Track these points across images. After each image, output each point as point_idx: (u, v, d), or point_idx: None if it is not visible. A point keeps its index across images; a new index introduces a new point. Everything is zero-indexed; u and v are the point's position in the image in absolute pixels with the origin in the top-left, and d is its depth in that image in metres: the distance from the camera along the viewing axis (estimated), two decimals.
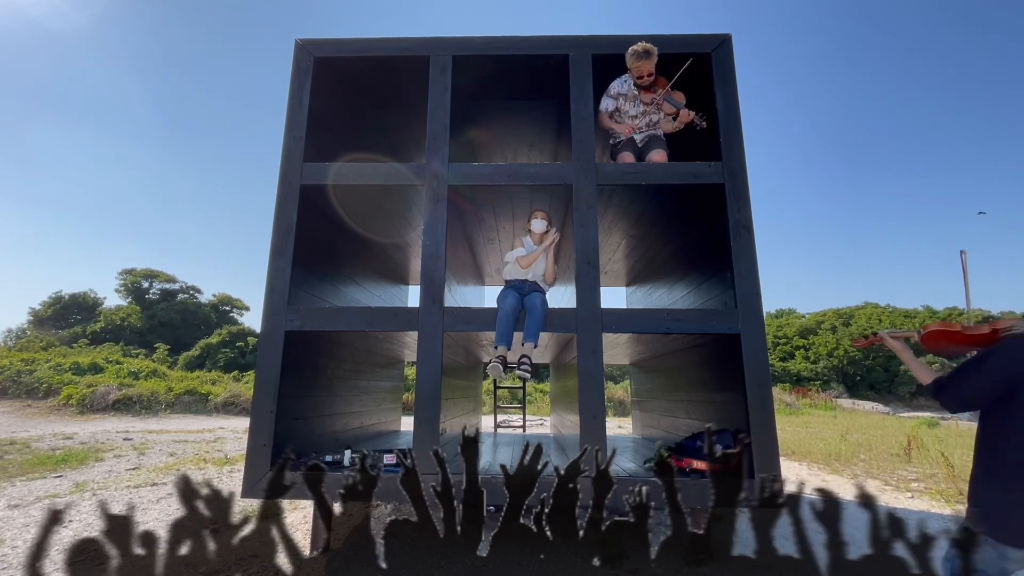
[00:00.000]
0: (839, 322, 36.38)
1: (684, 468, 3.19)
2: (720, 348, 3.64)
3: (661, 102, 3.74)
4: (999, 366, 1.69)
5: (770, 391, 3.17)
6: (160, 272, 34.18)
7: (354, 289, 4.79)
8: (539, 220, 3.77)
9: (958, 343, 1.93)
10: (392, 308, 3.96)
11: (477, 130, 4.95)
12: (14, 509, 4.34)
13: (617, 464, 3.91)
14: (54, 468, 6.04)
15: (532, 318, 3.36)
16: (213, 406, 14.36)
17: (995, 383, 1.69)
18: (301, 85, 3.75)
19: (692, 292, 4.28)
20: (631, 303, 6.88)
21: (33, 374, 14.30)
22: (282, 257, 3.45)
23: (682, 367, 4.70)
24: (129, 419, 12.31)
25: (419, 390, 3.27)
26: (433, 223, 3.52)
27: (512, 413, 9.64)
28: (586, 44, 3.79)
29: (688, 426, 4.35)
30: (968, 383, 1.75)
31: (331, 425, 4.26)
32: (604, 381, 3.29)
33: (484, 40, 3.85)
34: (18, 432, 9.46)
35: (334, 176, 3.64)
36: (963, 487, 5.52)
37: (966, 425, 14.71)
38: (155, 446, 8.09)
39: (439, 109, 3.71)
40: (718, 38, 3.74)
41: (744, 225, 3.38)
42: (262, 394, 3.25)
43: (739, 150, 3.52)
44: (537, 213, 3.83)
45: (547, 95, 4.30)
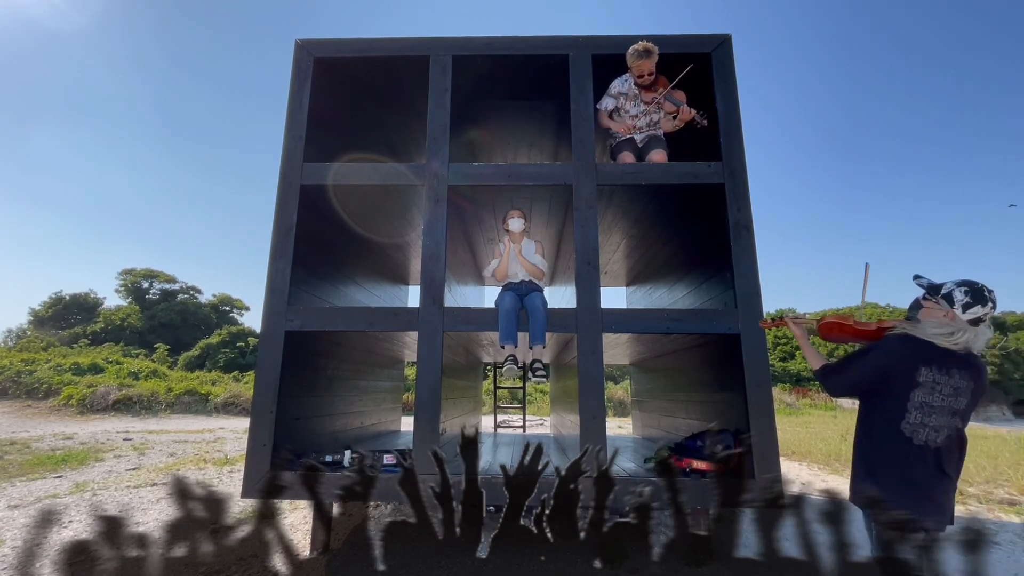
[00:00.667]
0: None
1: (684, 468, 3.19)
2: (720, 348, 3.64)
3: (662, 101, 3.74)
4: (877, 359, 1.86)
5: (770, 391, 3.17)
6: (160, 272, 34.19)
7: (354, 289, 4.79)
8: (516, 219, 3.67)
9: (849, 335, 2.11)
10: (392, 308, 3.96)
11: (477, 130, 4.95)
12: (14, 509, 4.34)
13: (617, 464, 3.90)
14: (54, 468, 6.04)
15: (535, 320, 3.34)
16: (213, 406, 14.36)
17: (872, 374, 1.86)
18: (301, 85, 3.75)
19: (692, 292, 4.28)
20: (631, 303, 6.87)
21: (33, 374, 14.30)
22: (282, 257, 3.44)
23: (682, 367, 4.70)
24: (129, 419, 12.31)
25: (419, 390, 3.26)
26: (433, 223, 3.51)
27: (512, 413, 9.64)
28: (586, 44, 3.79)
29: (688, 426, 4.34)
30: (850, 371, 1.93)
31: (331, 425, 4.26)
32: (604, 381, 3.29)
33: (484, 40, 3.85)
34: (18, 432, 9.46)
35: (334, 176, 3.64)
36: (963, 487, 5.53)
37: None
38: (155, 446, 8.09)
39: (439, 109, 3.71)
40: (718, 38, 3.74)
41: (744, 225, 3.38)
42: (262, 394, 3.25)
43: (739, 150, 3.52)
44: (513, 212, 3.73)
45: (547, 95, 4.29)
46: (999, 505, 4.90)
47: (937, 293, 1.85)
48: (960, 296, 1.79)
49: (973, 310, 1.77)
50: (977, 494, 5.29)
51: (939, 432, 1.76)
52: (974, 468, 6.37)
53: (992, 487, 5.60)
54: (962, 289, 1.80)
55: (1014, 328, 33.78)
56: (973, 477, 5.99)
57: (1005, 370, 30.57)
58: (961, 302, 1.79)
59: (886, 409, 1.83)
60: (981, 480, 5.89)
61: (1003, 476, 5.99)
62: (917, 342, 1.81)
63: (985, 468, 6.39)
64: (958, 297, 1.79)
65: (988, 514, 4.61)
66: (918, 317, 1.91)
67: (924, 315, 1.88)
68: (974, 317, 1.77)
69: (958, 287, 1.81)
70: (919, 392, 1.77)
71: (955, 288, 1.81)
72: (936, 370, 1.76)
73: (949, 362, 1.76)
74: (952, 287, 1.82)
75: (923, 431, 1.76)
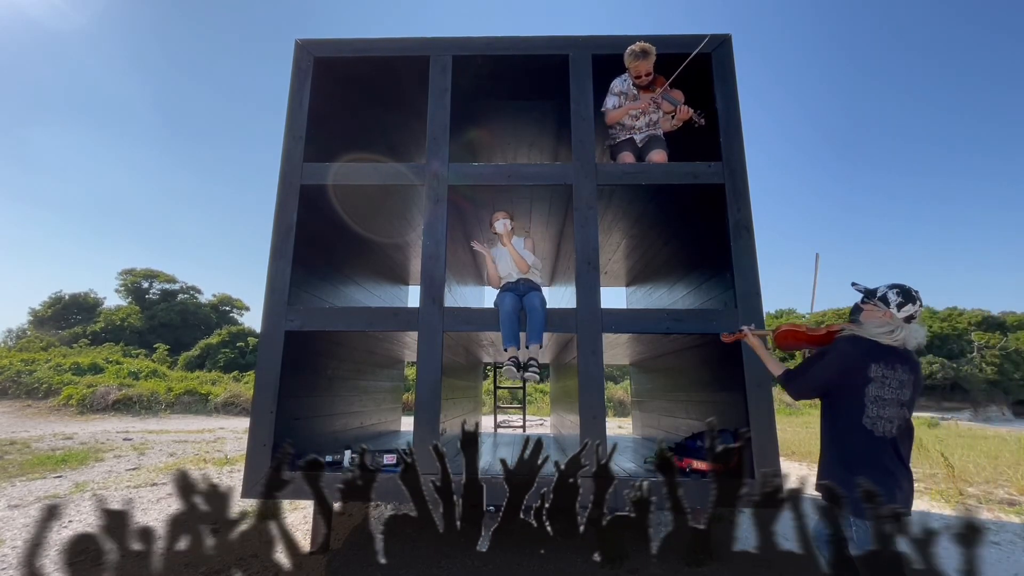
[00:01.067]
0: (839, 322, 36.34)
1: (684, 468, 3.19)
2: (720, 348, 3.63)
3: (660, 100, 3.74)
4: (834, 360, 2.02)
5: (770, 391, 3.18)
6: (160, 272, 34.20)
7: (354, 289, 4.79)
8: (500, 220, 3.68)
9: (803, 341, 2.28)
10: (392, 308, 3.96)
11: (477, 130, 4.95)
12: (14, 509, 4.35)
13: (617, 464, 3.91)
14: (54, 468, 6.04)
15: (533, 319, 3.34)
16: (213, 406, 14.37)
17: (832, 374, 2.02)
18: (301, 85, 3.75)
19: (692, 292, 4.28)
20: (631, 303, 6.88)
21: (33, 374, 14.31)
22: (282, 257, 3.45)
23: (682, 367, 4.70)
24: (129, 419, 12.31)
25: (419, 390, 3.27)
26: (433, 223, 3.52)
27: (512, 413, 9.64)
28: (586, 44, 3.79)
29: (688, 426, 4.34)
30: (811, 374, 2.09)
31: (331, 425, 4.26)
32: (604, 381, 3.29)
33: (484, 40, 3.85)
34: (18, 432, 9.46)
35: (334, 176, 3.64)
36: (963, 487, 5.53)
37: (965, 425, 14.70)
38: (155, 446, 8.09)
39: (439, 109, 3.71)
40: (718, 38, 3.74)
41: (744, 225, 3.38)
42: (262, 394, 3.25)
43: (739, 150, 3.52)
44: (497, 215, 3.74)
45: (547, 95, 4.30)
46: (999, 505, 4.90)
47: (874, 296, 2.07)
48: (894, 297, 2.02)
49: (906, 308, 2.00)
50: (977, 494, 5.30)
51: (892, 423, 1.93)
52: (974, 468, 6.38)
53: (992, 487, 5.60)
54: (894, 291, 2.03)
55: (1014, 328, 33.76)
56: (973, 477, 5.99)
57: (1005, 370, 30.56)
58: (895, 302, 2.01)
59: (847, 406, 1.98)
60: (981, 480, 5.89)
61: (1003, 476, 5.99)
62: (865, 341, 1.99)
63: (985, 468, 6.39)
64: (892, 298, 2.02)
65: (988, 514, 4.61)
66: (860, 319, 2.10)
67: (865, 317, 2.08)
68: (908, 314, 2.00)
69: (890, 289, 2.04)
70: (872, 387, 1.93)
71: (888, 291, 2.04)
72: (884, 366, 1.94)
73: (892, 358, 1.95)
74: (885, 290, 2.05)
75: (881, 423, 1.93)
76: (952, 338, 33.23)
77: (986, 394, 30.18)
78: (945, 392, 29.96)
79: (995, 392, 30.50)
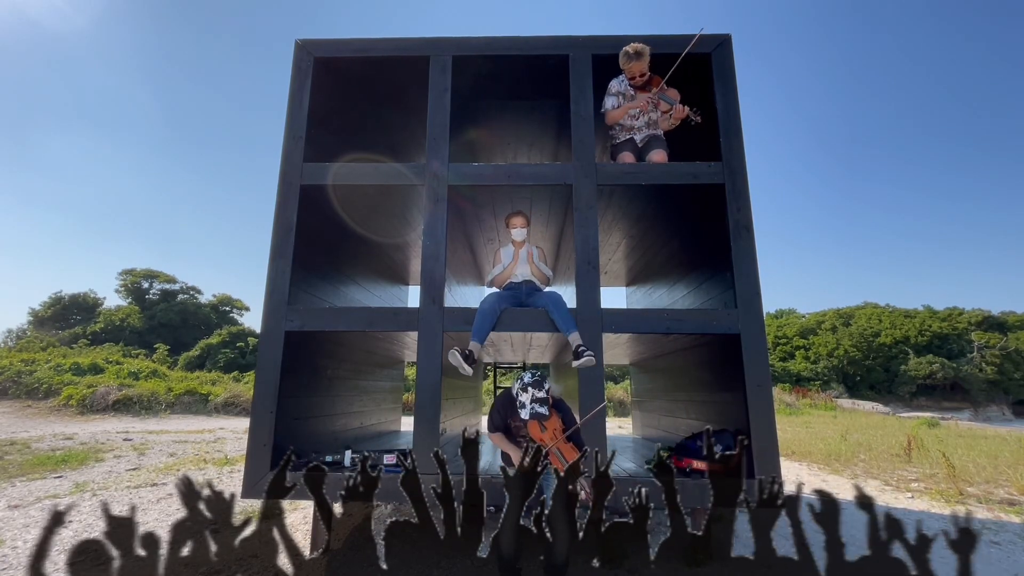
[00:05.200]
0: (839, 322, 36.37)
1: (684, 468, 3.19)
2: (720, 348, 3.64)
3: (656, 100, 3.74)
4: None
5: (770, 391, 3.17)
6: (160, 272, 34.16)
7: (354, 289, 4.79)
8: (519, 229, 3.63)
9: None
10: (392, 308, 3.95)
11: (477, 130, 4.95)
12: (14, 510, 4.34)
13: (617, 464, 3.91)
14: (54, 468, 6.03)
15: (559, 312, 3.30)
16: (213, 406, 14.36)
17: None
18: (301, 85, 3.75)
19: (692, 292, 4.28)
20: (631, 303, 6.87)
21: (33, 374, 14.29)
22: (282, 257, 3.44)
23: (682, 367, 4.70)
24: (129, 419, 12.30)
25: (419, 390, 3.26)
26: (433, 223, 3.52)
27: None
28: (586, 44, 3.79)
29: (688, 426, 4.34)
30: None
31: (331, 425, 4.26)
32: (604, 381, 3.29)
33: (484, 40, 3.85)
34: (18, 432, 9.46)
35: (334, 176, 3.64)
36: (963, 487, 5.53)
37: (965, 425, 14.69)
38: (155, 446, 8.09)
39: (439, 109, 3.71)
40: (718, 38, 3.74)
41: (744, 225, 3.38)
42: (262, 394, 3.25)
43: (739, 150, 3.52)
44: (514, 220, 3.66)
45: (547, 95, 4.29)
46: (999, 505, 4.90)
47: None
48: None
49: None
50: (977, 494, 5.29)
51: None
52: (974, 468, 6.38)
53: (992, 487, 5.60)
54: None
55: (1014, 328, 33.76)
56: (973, 477, 5.99)
57: (1005, 370, 30.58)
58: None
59: None
60: (981, 480, 5.89)
61: (1003, 476, 5.99)
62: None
63: (985, 468, 6.38)
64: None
65: (988, 514, 4.61)
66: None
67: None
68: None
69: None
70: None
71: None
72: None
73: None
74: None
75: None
76: (952, 338, 33.25)
77: (986, 394, 30.20)
78: (945, 392, 29.99)
79: (995, 392, 30.51)
